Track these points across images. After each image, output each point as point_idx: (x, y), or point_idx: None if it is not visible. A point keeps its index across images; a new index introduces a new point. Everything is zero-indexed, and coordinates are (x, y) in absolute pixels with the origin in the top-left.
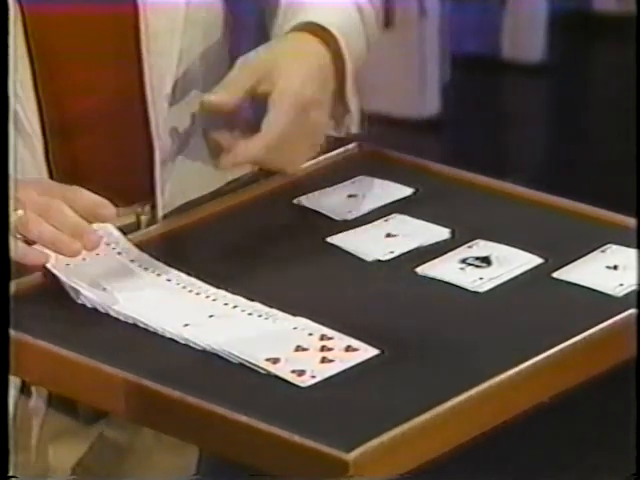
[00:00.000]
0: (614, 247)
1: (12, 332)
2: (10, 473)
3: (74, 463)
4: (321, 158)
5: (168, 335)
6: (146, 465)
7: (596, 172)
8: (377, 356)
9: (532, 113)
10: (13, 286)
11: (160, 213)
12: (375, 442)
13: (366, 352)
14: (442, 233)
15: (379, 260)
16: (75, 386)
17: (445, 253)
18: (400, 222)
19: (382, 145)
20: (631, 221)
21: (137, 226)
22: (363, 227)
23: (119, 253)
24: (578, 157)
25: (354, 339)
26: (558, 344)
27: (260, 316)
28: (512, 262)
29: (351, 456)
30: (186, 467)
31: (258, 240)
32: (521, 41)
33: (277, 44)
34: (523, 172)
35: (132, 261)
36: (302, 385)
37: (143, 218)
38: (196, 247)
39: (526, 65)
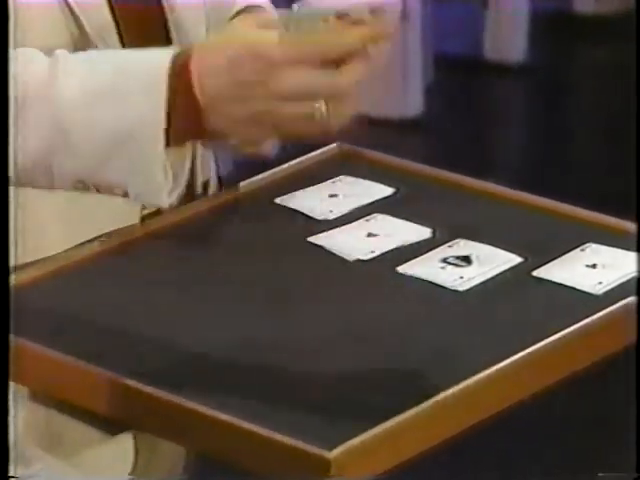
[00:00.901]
0: (593, 246)
1: None
2: (10, 473)
3: None
4: (302, 158)
5: None
6: None
7: (577, 172)
8: (359, 354)
9: (514, 113)
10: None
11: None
12: (357, 440)
13: None
14: (423, 232)
15: (360, 260)
16: (59, 385)
17: (426, 252)
18: (381, 222)
19: (364, 145)
20: (630, 225)
21: None
22: (344, 227)
23: None
24: (559, 157)
25: None
26: (538, 342)
27: None
28: (492, 261)
29: (333, 454)
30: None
31: (239, 240)
32: (503, 42)
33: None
34: (505, 172)
35: None
36: None
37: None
38: (178, 247)
39: (508, 66)
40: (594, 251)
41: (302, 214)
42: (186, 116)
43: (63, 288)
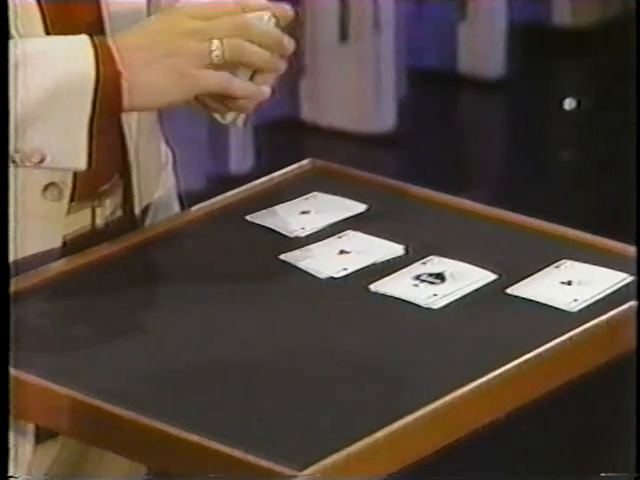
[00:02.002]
0: (568, 262)
1: None
2: (10, 473)
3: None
4: (274, 174)
5: None
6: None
7: (553, 188)
8: (330, 373)
9: (490, 129)
10: None
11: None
12: (328, 461)
13: None
14: (396, 249)
15: (332, 277)
16: (21, 406)
17: (399, 270)
18: (354, 239)
19: (337, 161)
20: (605, 242)
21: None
22: (316, 244)
23: None
24: (535, 174)
25: None
26: (513, 361)
27: None
28: (466, 278)
29: (304, 474)
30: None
31: (209, 257)
32: (479, 56)
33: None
34: (480, 188)
35: None
36: None
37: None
38: (147, 265)
39: (484, 80)
40: (569, 268)
41: (274, 231)
42: (109, 83)
43: (25, 303)
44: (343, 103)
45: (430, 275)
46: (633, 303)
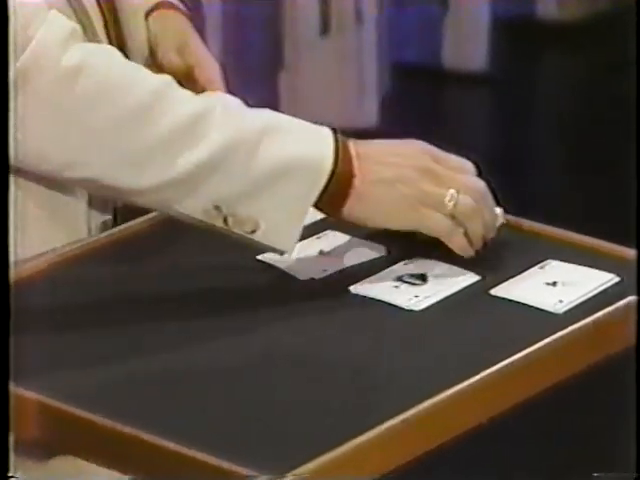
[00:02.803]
0: (553, 263)
1: None
2: (10, 473)
3: None
4: None
5: None
6: None
7: (538, 186)
8: (311, 377)
9: (474, 125)
10: None
11: None
12: (309, 466)
13: None
14: (377, 250)
15: (312, 278)
16: None
17: (380, 271)
18: (334, 239)
19: None
20: (592, 241)
21: None
22: (296, 245)
23: None
24: (521, 171)
25: None
26: (496, 364)
27: None
28: (448, 279)
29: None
30: None
31: (185, 258)
32: (463, 50)
33: (153, 24)
34: None
35: None
36: None
37: None
38: (120, 265)
39: (468, 75)
40: (554, 268)
41: None
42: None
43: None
44: (324, 99)
45: (412, 276)
46: (632, 298)
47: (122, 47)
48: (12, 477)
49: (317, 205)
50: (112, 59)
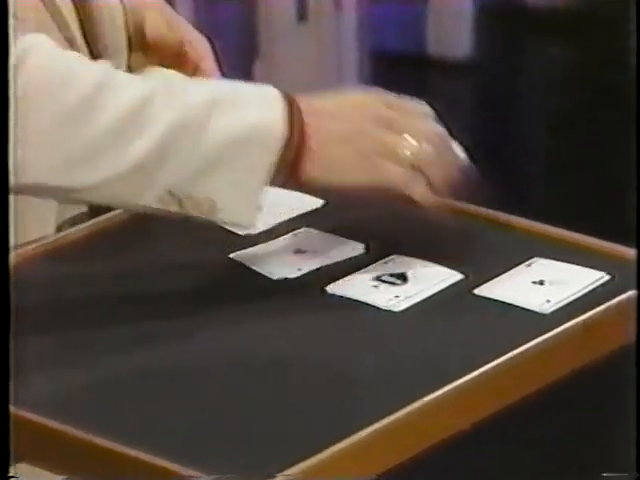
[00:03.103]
0: (541, 261)
1: None
2: (10, 473)
3: None
4: None
5: None
6: None
7: (525, 179)
8: (286, 382)
9: (459, 114)
10: None
11: None
12: (281, 476)
13: None
14: (355, 248)
15: (286, 278)
16: None
17: (358, 270)
18: (309, 236)
19: None
20: (581, 237)
21: None
22: (269, 242)
23: None
24: (507, 163)
25: None
26: (481, 367)
27: None
28: (430, 278)
29: None
30: None
31: (152, 256)
32: (447, 36)
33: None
34: None
35: None
36: None
37: None
38: (83, 263)
39: (452, 62)
40: (541, 266)
41: (222, 228)
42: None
43: None
44: (301, 89)
45: (391, 275)
46: (633, 293)
47: (97, 44)
48: (12, 477)
49: (275, 175)
50: (47, 53)
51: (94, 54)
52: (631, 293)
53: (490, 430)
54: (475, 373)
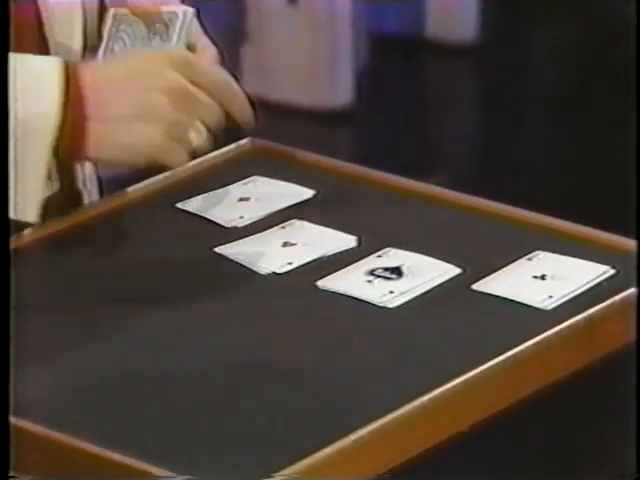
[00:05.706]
0: (542, 254)
1: None
2: (10, 473)
3: None
4: (209, 156)
5: None
6: None
7: (528, 171)
8: (275, 382)
9: (460, 102)
10: None
11: None
12: (284, 475)
13: None
14: (348, 241)
15: (275, 273)
16: None
17: (351, 264)
18: (299, 229)
19: (284, 141)
20: (585, 230)
21: None
22: (257, 235)
23: None
24: (509, 153)
25: None
26: (479, 366)
27: None
28: (426, 273)
29: None
30: None
31: (133, 252)
32: (448, 18)
33: None
34: (449, 171)
35: None
36: None
37: None
38: (69, 257)
39: (455, 46)
40: (543, 260)
41: (208, 221)
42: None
43: None
44: (292, 74)
45: (386, 270)
46: (633, 290)
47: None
48: (12, 477)
49: (58, 164)
50: None
51: None
52: (634, 289)
53: (490, 430)
54: (474, 372)
